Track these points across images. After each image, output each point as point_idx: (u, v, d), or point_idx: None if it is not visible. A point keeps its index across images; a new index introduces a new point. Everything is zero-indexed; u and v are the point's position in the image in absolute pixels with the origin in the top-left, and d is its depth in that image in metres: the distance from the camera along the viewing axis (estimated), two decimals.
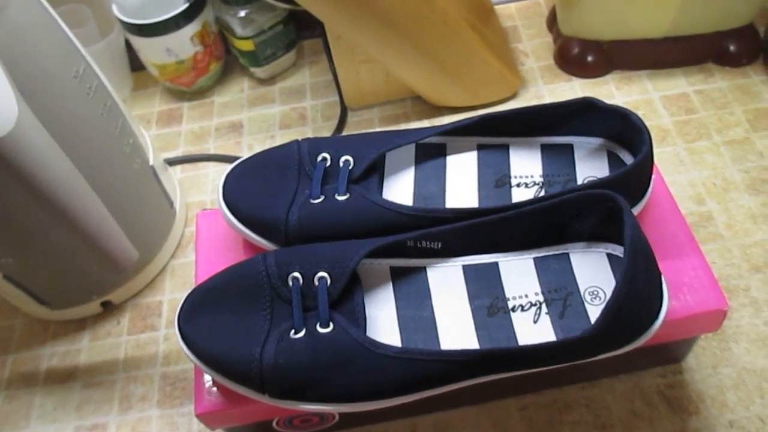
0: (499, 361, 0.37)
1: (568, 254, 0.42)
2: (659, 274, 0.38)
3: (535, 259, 0.42)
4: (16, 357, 0.57)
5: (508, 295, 0.40)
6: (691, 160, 0.60)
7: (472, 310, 0.40)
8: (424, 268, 0.42)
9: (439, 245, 0.41)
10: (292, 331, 0.38)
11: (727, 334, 0.50)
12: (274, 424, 0.45)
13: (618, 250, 0.41)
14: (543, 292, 0.40)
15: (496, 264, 0.42)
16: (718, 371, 0.49)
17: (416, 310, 0.40)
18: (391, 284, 0.41)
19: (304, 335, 0.37)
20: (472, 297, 0.41)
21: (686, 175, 0.59)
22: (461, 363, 0.36)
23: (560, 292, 0.40)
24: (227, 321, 0.39)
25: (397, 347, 0.37)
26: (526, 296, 0.40)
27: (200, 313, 0.39)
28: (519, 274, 0.41)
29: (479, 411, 0.49)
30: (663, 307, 0.38)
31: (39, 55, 0.43)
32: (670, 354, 0.48)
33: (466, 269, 0.42)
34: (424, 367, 0.37)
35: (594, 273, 0.41)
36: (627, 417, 0.47)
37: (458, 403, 0.49)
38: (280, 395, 0.37)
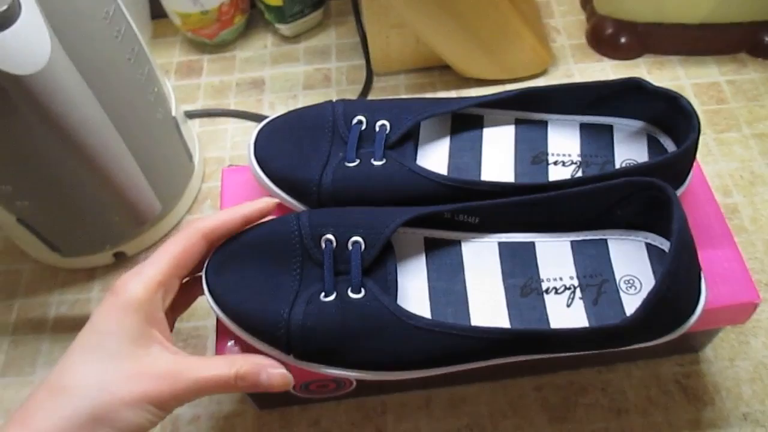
0: (529, 343, 0.36)
1: (606, 240, 0.41)
2: (699, 269, 0.37)
3: (572, 242, 0.41)
4: (23, 302, 0.56)
5: (542, 276, 0.40)
6: (720, 150, 0.60)
7: (505, 289, 0.39)
8: (459, 242, 0.41)
9: (477, 220, 0.41)
10: (322, 294, 0.37)
11: (746, 328, 0.50)
12: (291, 388, 0.45)
13: (657, 241, 0.40)
14: (578, 277, 0.40)
15: (532, 244, 0.41)
16: (735, 364, 0.49)
17: (448, 284, 0.40)
18: (424, 255, 0.41)
19: (335, 299, 0.37)
20: (506, 275, 0.40)
21: (714, 165, 0.59)
22: (491, 341, 0.36)
23: (595, 278, 0.40)
24: (256, 278, 0.38)
25: (428, 319, 0.36)
26: (561, 279, 0.40)
27: (229, 268, 0.38)
28: (555, 256, 0.40)
29: (494, 388, 0.48)
30: (700, 302, 0.37)
31: None
32: (689, 344, 0.48)
33: (502, 247, 0.41)
34: (453, 342, 0.36)
35: (631, 262, 0.40)
36: (642, 403, 0.47)
37: (474, 379, 0.49)
38: (306, 357, 0.37)
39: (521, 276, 0.40)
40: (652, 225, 0.40)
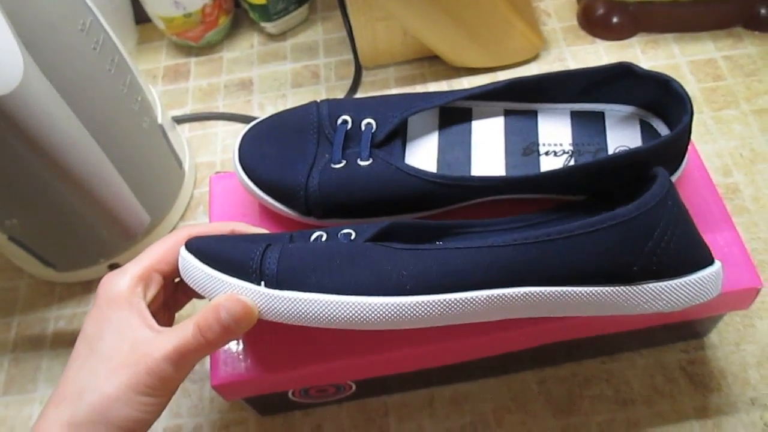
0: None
1: None
2: (698, 232, 0.36)
3: None
4: (21, 319, 0.55)
5: None
6: (718, 129, 0.58)
7: None
8: None
9: None
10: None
11: (752, 311, 0.49)
12: (290, 394, 0.44)
13: None
14: None
15: None
16: (741, 348, 0.48)
17: None
18: None
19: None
20: None
21: (713, 145, 0.58)
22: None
23: None
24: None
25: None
26: None
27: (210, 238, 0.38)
28: None
29: (497, 383, 0.48)
30: (714, 265, 0.35)
31: (43, 6, 0.41)
32: (693, 329, 0.47)
33: None
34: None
35: None
36: (648, 392, 0.47)
37: (476, 375, 0.48)
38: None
39: None
40: None
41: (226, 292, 0.34)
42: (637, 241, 0.33)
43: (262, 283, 0.34)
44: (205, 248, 0.36)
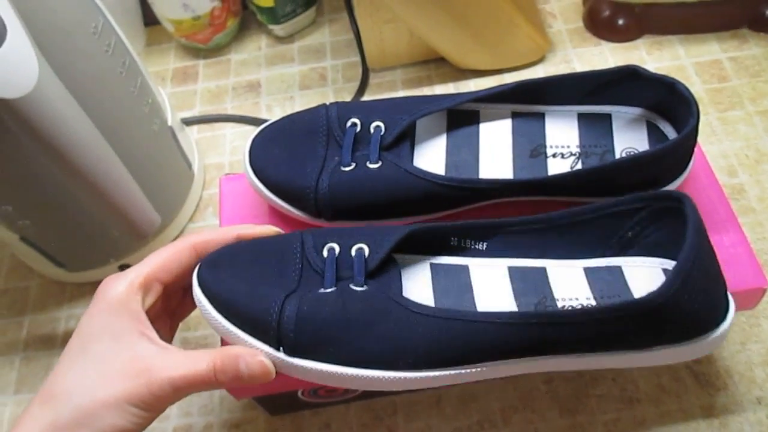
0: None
1: (620, 267, 0.39)
2: (724, 287, 0.36)
3: (585, 269, 0.40)
4: (32, 318, 0.56)
5: (556, 296, 0.39)
6: (724, 130, 0.59)
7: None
8: (467, 266, 0.40)
9: (485, 246, 0.40)
10: (321, 289, 0.35)
11: (757, 310, 0.49)
12: (299, 394, 0.45)
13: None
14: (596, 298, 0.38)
15: (544, 269, 0.40)
16: (747, 347, 0.48)
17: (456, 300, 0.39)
18: (430, 276, 0.40)
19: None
20: (518, 295, 0.39)
21: (718, 146, 0.58)
22: (498, 324, 0.34)
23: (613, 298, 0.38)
24: (251, 273, 0.37)
25: (432, 306, 0.36)
26: (577, 299, 0.38)
27: (224, 263, 0.37)
28: (568, 280, 0.39)
29: (505, 383, 0.48)
30: (727, 318, 0.35)
31: (57, 10, 0.41)
32: None
33: (512, 271, 0.40)
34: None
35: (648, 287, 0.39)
36: (654, 391, 0.47)
37: None
38: (299, 350, 0.34)
39: (533, 295, 0.39)
40: (668, 244, 0.38)
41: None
42: (655, 326, 0.34)
43: (281, 348, 0.35)
44: (218, 293, 0.36)
